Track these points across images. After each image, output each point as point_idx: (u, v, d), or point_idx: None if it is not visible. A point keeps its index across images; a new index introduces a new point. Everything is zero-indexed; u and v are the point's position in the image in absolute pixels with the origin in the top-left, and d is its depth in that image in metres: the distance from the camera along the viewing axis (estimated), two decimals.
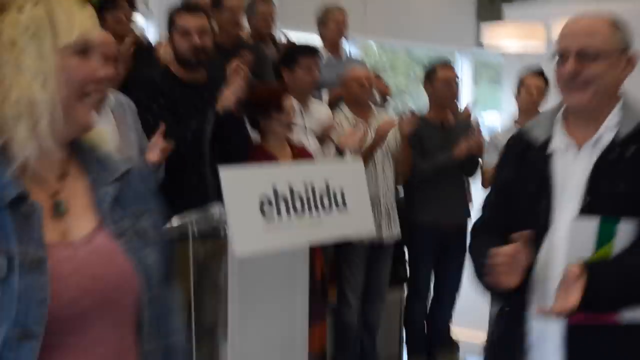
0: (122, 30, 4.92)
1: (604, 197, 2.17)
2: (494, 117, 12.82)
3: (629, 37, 2.25)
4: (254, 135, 4.30)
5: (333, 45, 6.05)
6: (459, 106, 6.12)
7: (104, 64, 1.60)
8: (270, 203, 2.93)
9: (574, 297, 1.94)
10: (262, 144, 4.20)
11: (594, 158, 2.19)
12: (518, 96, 5.46)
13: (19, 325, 1.43)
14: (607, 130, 2.21)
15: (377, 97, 5.74)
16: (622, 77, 2.24)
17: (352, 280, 5.00)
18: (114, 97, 3.80)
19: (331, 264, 4.79)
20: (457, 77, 5.47)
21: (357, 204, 3.36)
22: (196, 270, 3.52)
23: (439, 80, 5.20)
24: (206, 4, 4.95)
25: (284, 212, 2.96)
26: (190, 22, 4.09)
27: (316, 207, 3.20)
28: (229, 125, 4.01)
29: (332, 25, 6.03)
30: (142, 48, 4.95)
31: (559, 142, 2.24)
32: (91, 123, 1.60)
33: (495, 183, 2.49)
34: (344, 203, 3.35)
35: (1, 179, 1.49)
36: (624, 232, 2.09)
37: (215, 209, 3.11)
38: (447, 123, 5.28)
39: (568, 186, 2.19)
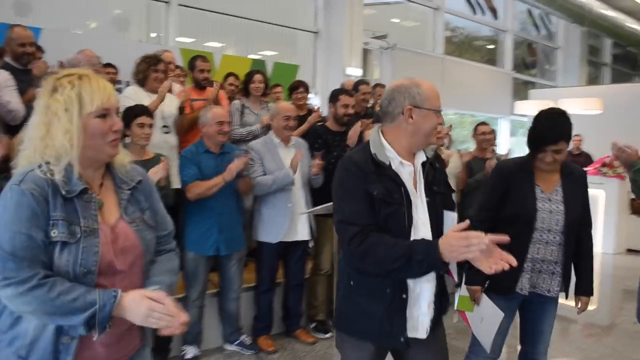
0: (301, 103, 5.37)
1: (436, 196, 2.07)
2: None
3: None
4: None
5: None
6: (494, 147, 5.93)
7: (117, 120, 1.60)
8: None
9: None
10: None
11: (422, 172, 2.06)
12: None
13: (83, 266, 1.51)
14: (421, 154, 2.07)
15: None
16: None
17: None
18: (295, 139, 4.18)
19: None
20: (492, 131, 5.29)
21: None
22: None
23: (479, 133, 5.18)
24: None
25: None
26: (349, 100, 4.34)
27: None
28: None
29: None
30: (310, 113, 5.32)
31: (397, 163, 2.00)
32: (115, 153, 1.63)
33: (360, 196, 1.94)
34: None
35: (72, 180, 1.54)
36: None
37: None
38: (485, 158, 5.07)
39: (417, 191, 2.02)
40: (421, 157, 2.07)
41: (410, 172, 2.02)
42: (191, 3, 8.09)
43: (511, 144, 12.46)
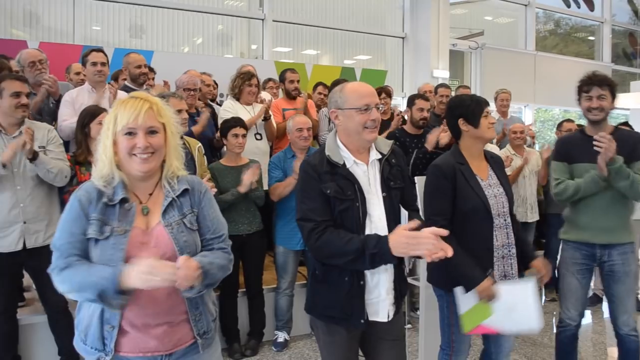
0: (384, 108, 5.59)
1: (392, 191, 2.17)
2: None
3: None
4: None
5: (502, 112, 6.21)
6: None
7: (142, 139, 1.70)
8: None
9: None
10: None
11: (377, 169, 2.17)
12: None
13: (110, 260, 1.67)
14: (375, 152, 2.19)
15: (529, 140, 5.75)
16: None
17: None
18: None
19: None
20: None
21: None
22: None
23: (564, 130, 5.17)
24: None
25: None
26: (424, 104, 4.47)
27: None
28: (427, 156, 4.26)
29: (499, 101, 6.20)
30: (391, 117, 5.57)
31: (351, 162, 2.14)
32: (140, 170, 1.75)
33: (315, 195, 2.09)
34: None
35: (117, 190, 1.74)
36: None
37: None
38: None
39: (372, 188, 2.15)
40: (374, 155, 2.19)
41: (364, 171, 2.16)
42: (283, 18, 8.59)
43: None
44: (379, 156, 2.20)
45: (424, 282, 3.13)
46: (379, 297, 2.16)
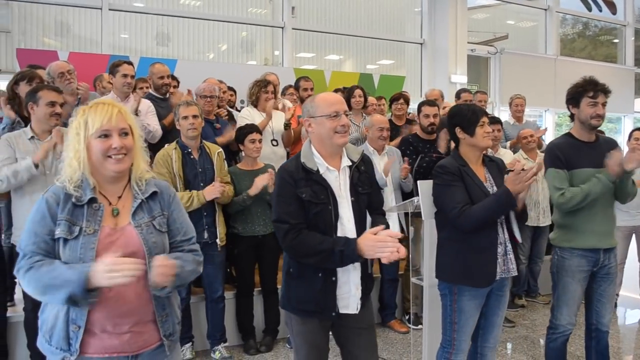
0: (400, 114, 5.60)
1: (360, 196, 2.33)
2: None
3: None
4: None
5: (516, 117, 6.23)
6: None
7: (117, 140, 1.74)
8: None
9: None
10: None
11: (348, 175, 2.33)
12: (628, 142, 5.09)
13: (82, 259, 1.67)
14: (346, 159, 2.34)
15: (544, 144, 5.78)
16: None
17: (524, 245, 5.09)
18: (388, 148, 4.51)
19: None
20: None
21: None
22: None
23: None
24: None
25: None
26: (430, 110, 4.59)
27: None
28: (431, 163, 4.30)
29: (514, 107, 6.22)
30: (408, 122, 5.64)
31: (324, 168, 2.28)
32: (115, 171, 1.77)
33: (291, 199, 2.23)
34: None
35: (85, 191, 1.75)
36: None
37: (415, 199, 3.41)
38: None
39: (342, 192, 2.29)
40: (345, 162, 2.35)
41: (336, 176, 2.32)
42: (305, 26, 8.79)
43: None
44: (350, 163, 2.35)
45: (427, 282, 3.24)
46: (349, 293, 2.34)
